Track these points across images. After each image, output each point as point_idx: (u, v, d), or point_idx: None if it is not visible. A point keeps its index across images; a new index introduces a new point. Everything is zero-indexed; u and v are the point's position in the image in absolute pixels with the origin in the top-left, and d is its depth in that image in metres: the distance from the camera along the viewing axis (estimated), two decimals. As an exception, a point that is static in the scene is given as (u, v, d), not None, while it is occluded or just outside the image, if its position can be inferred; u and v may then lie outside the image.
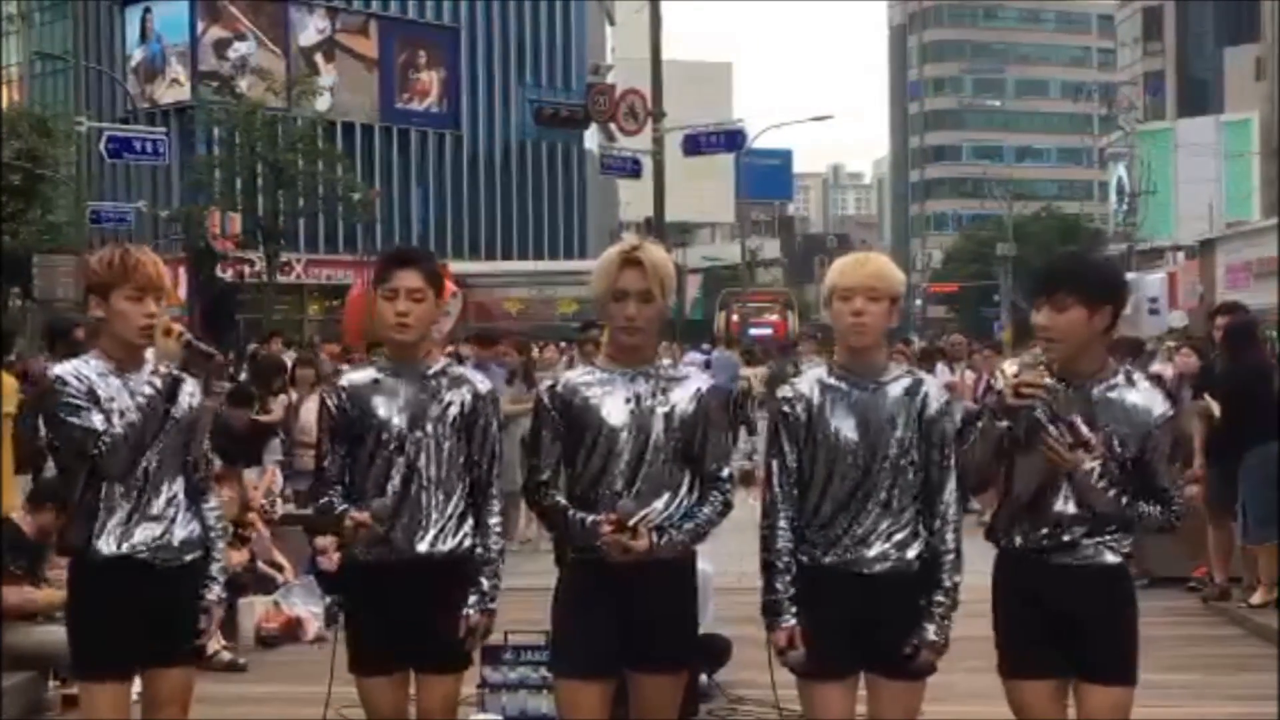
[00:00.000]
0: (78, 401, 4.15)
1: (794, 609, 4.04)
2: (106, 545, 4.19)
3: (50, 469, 7.18)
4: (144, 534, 4.23)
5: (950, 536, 4.08)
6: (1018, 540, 4.14)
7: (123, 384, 4.23)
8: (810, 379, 4.20)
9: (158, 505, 4.27)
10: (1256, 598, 8.90)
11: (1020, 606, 4.11)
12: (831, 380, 4.14)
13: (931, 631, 4.02)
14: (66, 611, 4.44)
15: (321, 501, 4.33)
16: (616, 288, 4.11)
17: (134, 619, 4.19)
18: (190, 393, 4.32)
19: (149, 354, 4.28)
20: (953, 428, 4.15)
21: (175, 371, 4.22)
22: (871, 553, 4.03)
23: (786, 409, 4.13)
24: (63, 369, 4.26)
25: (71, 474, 4.27)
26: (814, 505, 4.09)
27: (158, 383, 4.19)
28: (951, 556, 4.07)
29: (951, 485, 4.11)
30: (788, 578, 4.05)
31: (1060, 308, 4.01)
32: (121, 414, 4.16)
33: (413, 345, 4.31)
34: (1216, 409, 9.13)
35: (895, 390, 4.10)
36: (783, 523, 4.08)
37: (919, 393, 4.11)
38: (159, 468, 4.26)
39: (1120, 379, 4.12)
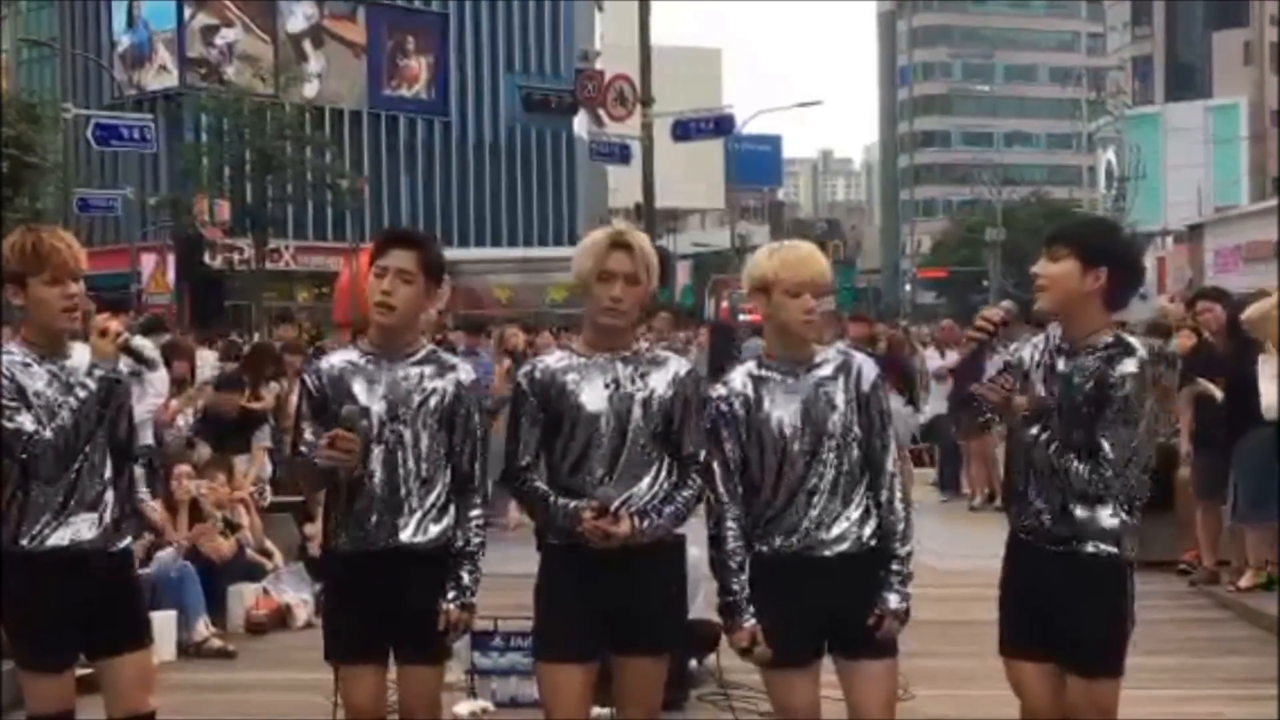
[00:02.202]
0: (5, 401, 4.04)
1: (752, 608, 4.03)
2: (39, 540, 4.11)
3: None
4: (78, 525, 4.15)
5: (899, 506, 4.10)
6: (1013, 523, 4.15)
7: (50, 375, 4.14)
8: (740, 373, 4.18)
9: (91, 495, 4.19)
10: (1245, 580, 8.93)
11: (1014, 589, 4.13)
12: (763, 372, 4.13)
13: (893, 600, 4.03)
14: (4, 605, 4.27)
15: (297, 460, 4.28)
16: (604, 268, 4.08)
17: (71, 610, 4.13)
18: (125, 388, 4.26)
19: (79, 346, 4.21)
20: (887, 400, 4.17)
21: (112, 374, 4.14)
22: (830, 535, 4.04)
23: (724, 406, 4.11)
24: None
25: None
26: (767, 497, 4.08)
27: (93, 385, 4.10)
28: (902, 526, 4.09)
29: (893, 455, 4.14)
30: (743, 576, 4.05)
31: (1055, 257, 4.02)
32: (53, 414, 4.07)
33: (395, 330, 4.20)
34: (1218, 392, 9.14)
35: (828, 371, 4.11)
36: (730, 522, 4.08)
37: (852, 369, 4.12)
38: (92, 460, 4.19)
39: (1110, 341, 4.02)
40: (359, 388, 4.18)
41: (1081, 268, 3.99)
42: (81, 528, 4.16)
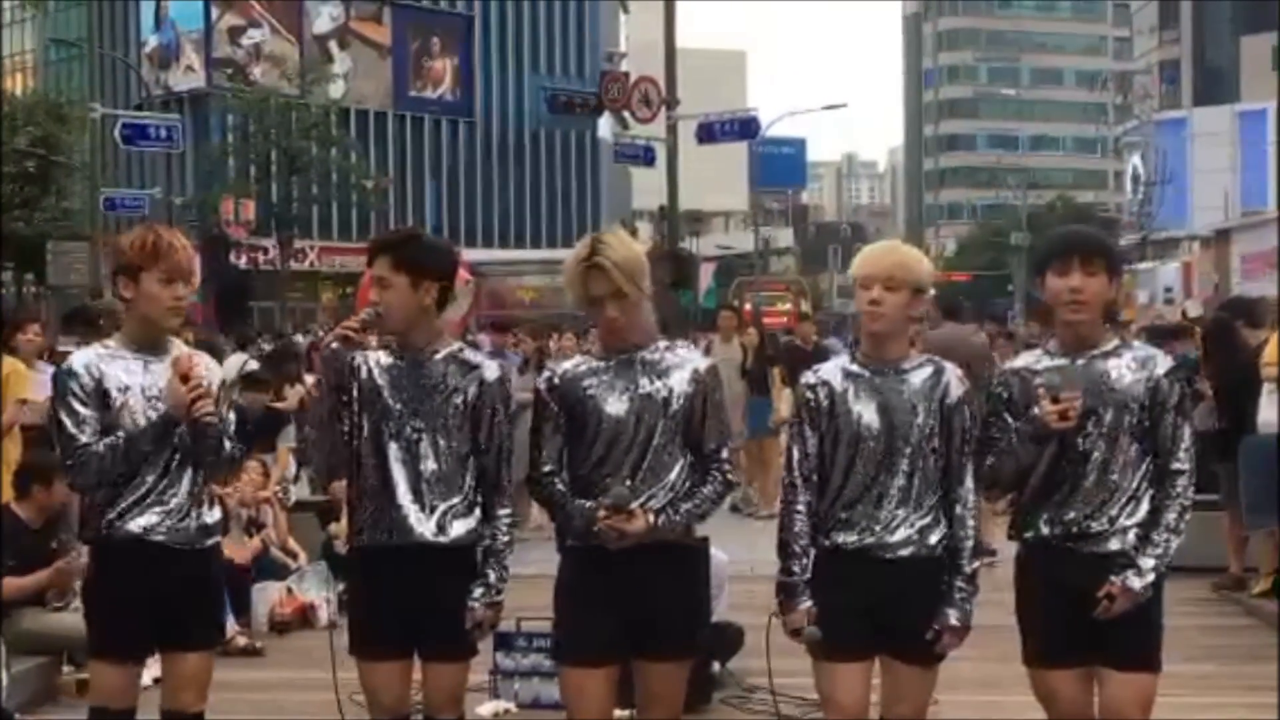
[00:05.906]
0: (77, 400, 4.16)
1: (808, 591, 4.07)
2: (119, 526, 4.20)
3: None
4: (163, 517, 4.23)
5: (970, 523, 4.12)
6: (1042, 530, 4.13)
7: (143, 368, 4.25)
8: (833, 366, 4.24)
9: (179, 489, 4.28)
10: (1258, 586, 8.91)
11: (1044, 596, 4.11)
12: (854, 367, 4.17)
13: (953, 616, 4.06)
14: (84, 592, 4.46)
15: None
16: (589, 295, 4.10)
17: (151, 602, 4.21)
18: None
19: (176, 342, 4.32)
20: (972, 416, 4.17)
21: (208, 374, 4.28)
22: (894, 538, 4.06)
23: (810, 395, 4.16)
24: (81, 359, 4.26)
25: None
26: (837, 490, 4.11)
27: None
28: (971, 543, 4.12)
29: (970, 472, 4.15)
30: (805, 560, 4.10)
31: (1092, 271, 4.05)
32: (149, 401, 4.18)
33: (397, 332, 4.23)
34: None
35: (917, 378, 4.13)
36: (800, 507, 4.12)
37: (940, 381, 4.14)
38: (182, 455, 4.28)
39: (1119, 344, 4.15)
40: (383, 384, 4.21)
41: (1109, 280, 4.09)
42: (164, 519, 4.25)
